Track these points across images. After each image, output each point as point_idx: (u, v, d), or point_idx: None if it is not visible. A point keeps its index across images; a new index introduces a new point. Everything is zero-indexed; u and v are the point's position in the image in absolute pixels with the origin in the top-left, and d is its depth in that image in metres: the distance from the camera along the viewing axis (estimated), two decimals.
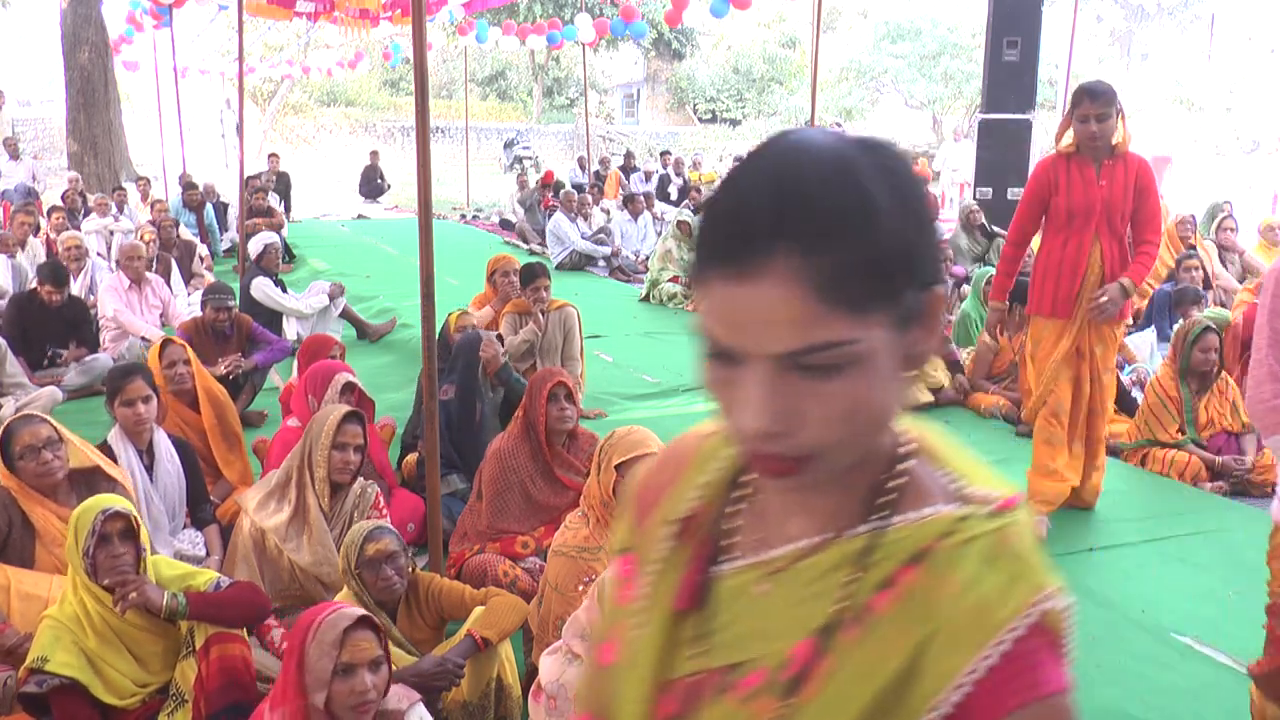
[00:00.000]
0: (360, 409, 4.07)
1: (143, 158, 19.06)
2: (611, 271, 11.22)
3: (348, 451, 3.38)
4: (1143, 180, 3.96)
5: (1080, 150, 3.95)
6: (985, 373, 6.03)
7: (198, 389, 4.53)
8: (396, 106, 33.32)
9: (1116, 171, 3.93)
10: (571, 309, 5.79)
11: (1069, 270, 4.01)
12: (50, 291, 6.39)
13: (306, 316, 7.40)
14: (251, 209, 11.56)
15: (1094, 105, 3.83)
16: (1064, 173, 3.97)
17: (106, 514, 2.72)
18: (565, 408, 3.74)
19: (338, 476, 3.38)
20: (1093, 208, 3.93)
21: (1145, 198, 3.97)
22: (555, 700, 2.27)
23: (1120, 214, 3.96)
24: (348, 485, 3.44)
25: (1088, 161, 3.95)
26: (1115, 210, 3.94)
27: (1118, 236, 4.00)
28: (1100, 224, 3.95)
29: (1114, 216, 3.96)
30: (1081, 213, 3.95)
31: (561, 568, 2.86)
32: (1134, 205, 3.96)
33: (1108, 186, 3.92)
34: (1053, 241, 4.06)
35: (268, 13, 13.12)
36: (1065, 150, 3.98)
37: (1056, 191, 3.99)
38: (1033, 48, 10.87)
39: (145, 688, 2.79)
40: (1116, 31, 32.22)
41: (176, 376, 4.49)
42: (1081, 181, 3.94)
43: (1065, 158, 3.98)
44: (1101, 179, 3.92)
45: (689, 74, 35.98)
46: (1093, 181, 3.93)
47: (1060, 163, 4.00)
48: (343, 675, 2.18)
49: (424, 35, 3.30)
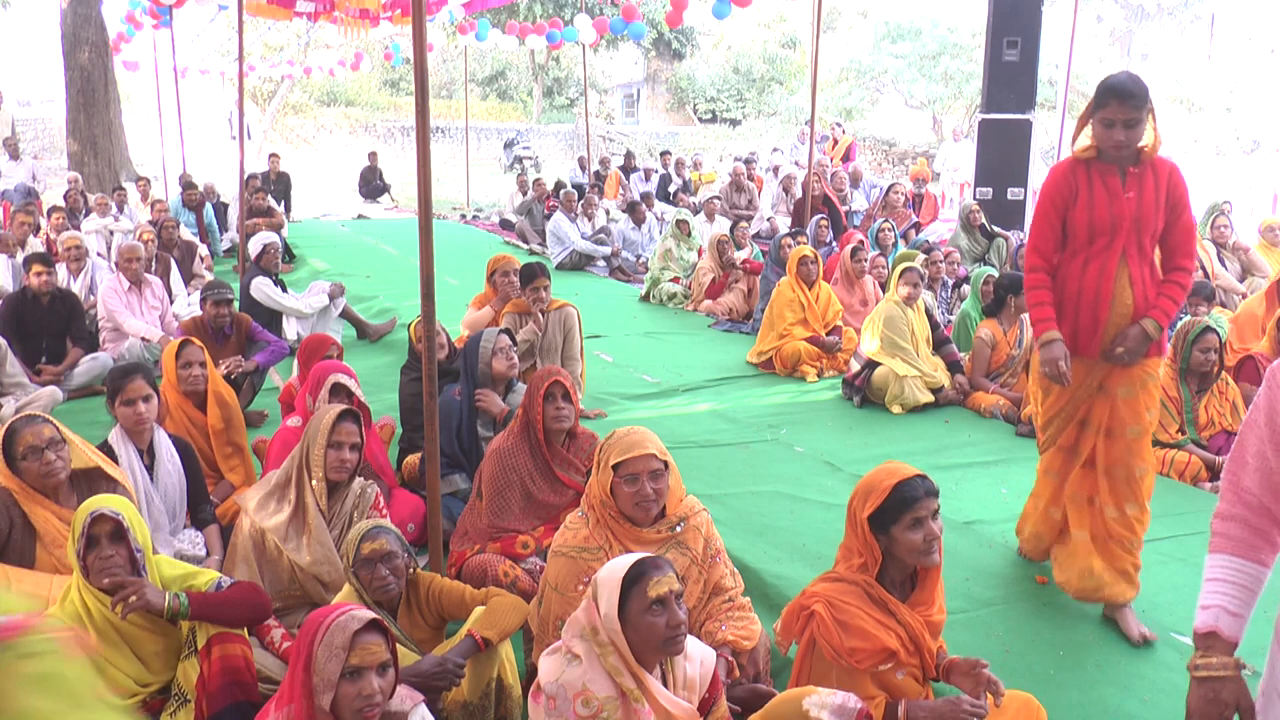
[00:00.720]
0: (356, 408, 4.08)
1: (143, 158, 19.07)
2: (611, 271, 11.22)
3: (343, 450, 3.37)
4: (1175, 191, 3.33)
5: (1101, 156, 3.31)
6: (984, 369, 6.04)
7: (209, 391, 4.51)
8: (396, 106, 33.35)
9: (1145, 180, 3.30)
10: (571, 309, 5.80)
11: (1090, 299, 3.36)
12: (40, 271, 6.39)
13: (306, 316, 7.41)
14: (251, 209, 11.57)
15: (1122, 108, 3.17)
16: (1084, 181, 3.33)
17: (93, 516, 2.73)
18: (562, 407, 3.74)
19: (334, 475, 3.38)
20: (1119, 224, 3.29)
21: (1178, 213, 3.34)
22: (555, 700, 2.27)
23: (1150, 231, 3.33)
24: (346, 484, 3.44)
25: (1111, 169, 3.30)
26: (1145, 226, 3.31)
27: (1148, 259, 3.37)
28: (1129, 243, 3.31)
29: (1143, 234, 3.32)
30: (1106, 230, 3.30)
31: (561, 568, 2.86)
32: (1165, 221, 3.33)
33: (1136, 198, 3.28)
34: (1071, 265, 3.41)
35: (268, 13, 13.12)
36: (1083, 155, 3.33)
37: (1076, 204, 3.35)
38: (1033, 48, 10.88)
39: (147, 687, 2.80)
40: (1116, 31, 32.21)
41: (191, 378, 4.46)
42: (1105, 192, 3.30)
43: (1084, 164, 3.34)
44: (1128, 190, 3.28)
45: (689, 74, 36.00)
46: (1118, 192, 3.28)
47: (1079, 170, 3.35)
48: (350, 678, 2.18)
49: (424, 35, 3.31)
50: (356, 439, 3.42)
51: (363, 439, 3.47)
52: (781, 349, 6.75)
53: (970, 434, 5.55)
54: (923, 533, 2.45)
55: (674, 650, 2.30)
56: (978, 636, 3.31)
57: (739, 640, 2.89)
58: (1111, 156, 3.29)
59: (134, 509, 2.88)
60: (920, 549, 2.46)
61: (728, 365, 7.00)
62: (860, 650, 2.44)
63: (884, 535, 2.50)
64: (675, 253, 9.67)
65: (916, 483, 2.49)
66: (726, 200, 13.43)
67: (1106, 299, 3.34)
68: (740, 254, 9.15)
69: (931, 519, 2.47)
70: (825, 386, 6.49)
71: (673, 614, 2.26)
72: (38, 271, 6.40)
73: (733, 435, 5.48)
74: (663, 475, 2.89)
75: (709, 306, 8.80)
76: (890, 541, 2.49)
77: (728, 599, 2.99)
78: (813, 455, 5.17)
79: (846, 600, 2.50)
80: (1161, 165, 3.33)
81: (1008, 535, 4.13)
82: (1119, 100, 3.16)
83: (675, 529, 2.94)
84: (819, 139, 14.70)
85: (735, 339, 7.91)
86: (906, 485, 2.48)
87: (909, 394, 5.90)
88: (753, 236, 10.67)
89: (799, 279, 6.90)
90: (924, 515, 2.46)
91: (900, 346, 5.97)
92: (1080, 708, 2.96)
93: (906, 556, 2.49)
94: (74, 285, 7.45)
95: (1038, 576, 3.75)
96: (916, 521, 2.46)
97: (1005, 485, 4.74)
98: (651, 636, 2.25)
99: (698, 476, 4.68)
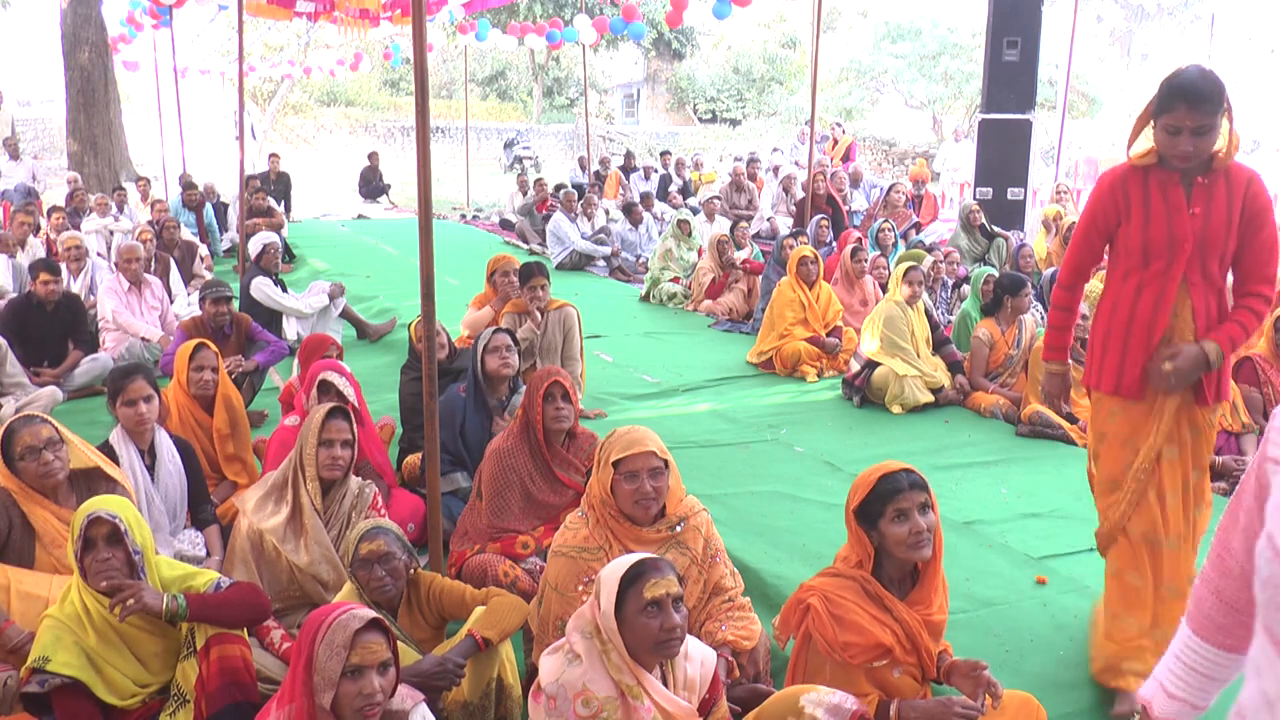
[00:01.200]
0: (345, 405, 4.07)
1: (143, 158, 19.07)
2: (611, 271, 11.22)
3: (334, 447, 3.36)
4: (1254, 204, 2.81)
5: (1164, 163, 2.83)
6: (983, 369, 6.04)
7: (217, 394, 4.49)
8: (396, 106, 33.34)
9: (1216, 193, 2.80)
10: (571, 309, 5.80)
11: (1143, 331, 2.88)
12: (47, 280, 6.35)
13: (306, 316, 7.41)
14: (251, 209, 11.57)
15: (1192, 114, 2.66)
16: (1139, 193, 2.87)
17: (90, 518, 2.73)
18: (561, 407, 3.73)
19: (327, 474, 3.36)
20: (1181, 244, 2.81)
21: (1257, 229, 2.81)
22: (555, 700, 2.27)
23: (1219, 253, 2.83)
24: (342, 483, 3.43)
25: (1174, 180, 2.82)
26: (1213, 248, 2.81)
27: (1216, 286, 2.88)
28: (1192, 267, 2.83)
29: (1209, 257, 2.82)
30: (1164, 251, 2.83)
31: (561, 568, 2.86)
32: (1238, 241, 2.83)
33: (1203, 215, 2.80)
34: (1121, 289, 2.94)
35: (268, 13, 13.12)
36: (1141, 162, 2.87)
37: (1129, 219, 2.88)
38: (1033, 48, 10.88)
39: (146, 688, 2.80)
40: (1116, 31, 32.22)
41: (202, 382, 4.43)
42: (1165, 207, 2.82)
43: (1141, 172, 2.87)
44: (1194, 205, 2.80)
45: (689, 74, 36.00)
46: (1181, 207, 2.81)
47: (1134, 179, 2.88)
48: (351, 677, 2.18)
49: (424, 35, 3.31)
50: (347, 435, 3.41)
51: (354, 436, 3.45)
52: (781, 349, 6.75)
53: (970, 434, 5.55)
54: (908, 525, 2.45)
55: (667, 653, 2.29)
56: (978, 636, 3.31)
57: (739, 640, 2.89)
58: (1176, 165, 2.81)
59: (134, 510, 2.88)
60: (907, 542, 2.46)
61: (728, 365, 7.00)
62: (854, 645, 2.44)
63: (875, 531, 2.50)
64: (675, 253, 9.67)
65: (900, 476, 2.50)
66: (726, 200, 13.43)
67: (1161, 327, 2.86)
68: (740, 254, 9.14)
69: (919, 512, 2.46)
70: (825, 386, 6.49)
71: (668, 617, 2.25)
72: (45, 280, 6.35)
73: (733, 435, 5.48)
74: (662, 474, 2.89)
75: (709, 306, 8.80)
76: (880, 536, 2.50)
77: (728, 599, 2.99)
78: (813, 455, 5.17)
79: (843, 595, 2.50)
80: (1238, 174, 2.82)
81: (1007, 535, 4.13)
82: (1189, 105, 2.65)
83: (675, 529, 2.94)
84: (819, 139, 14.70)
85: (735, 339, 7.91)
86: (890, 478, 2.49)
87: (909, 394, 5.90)
88: (753, 236, 10.67)
89: (799, 279, 6.90)
90: (908, 507, 2.45)
91: (900, 346, 5.97)
92: (1080, 708, 2.96)
93: (895, 550, 2.49)
94: (74, 285, 7.45)
95: (1038, 576, 3.76)
96: (900, 514, 2.46)
97: (1005, 485, 4.74)
98: (645, 637, 2.25)
99: (698, 476, 4.68)
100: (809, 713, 2.22)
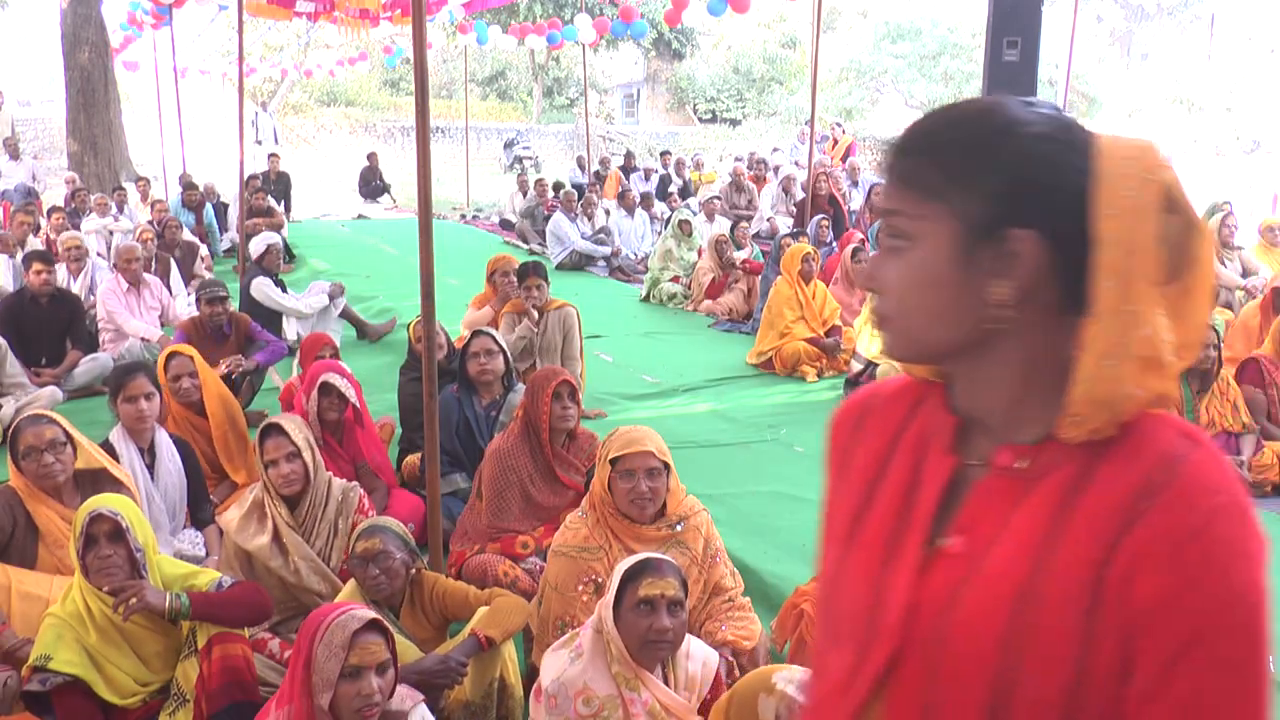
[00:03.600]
0: (342, 406, 4.11)
1: (143, 158, 19.06)
2: (611, 271, 11.22)
3: (279, 465, 3.26)
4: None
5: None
6: None
7: (205, 398, 4.47)
8: (396, 106, 33.32)
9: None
10: (571, 309, 5.79)
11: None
12: (40, 270, 6.31)
13: (306, 316, 7.40)
14: (251, 209, 11.57)
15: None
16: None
17: (92, 516, 2.73)
18: (569, 406, 3.74)
19: (285, 490, 3.28)
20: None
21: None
22: (556, 699, 2.27)
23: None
24: (306, 493, 3.32)
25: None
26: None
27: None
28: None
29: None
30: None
31: (561, 567, 2.86)
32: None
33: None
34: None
35: (268, 13, 13.12)
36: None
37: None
38: (1033, 48, 10.83)
39: (147, 687, 2.80)
40: (1116, 31, 32.23)
41: (182, 391, 4.41)
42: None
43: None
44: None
45: (689, 74, 35.98)
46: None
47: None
48: (349, 677, 2.18)
49: (424, 35, 3.31)
50: (289, 448, 3.28)
51: (297, 447, 3.31)
52: (781, 349, 6.75)
53: None
54: None
55: (654, 654, 2.29)
56: None
57: (739, 640, 2.89)
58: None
59: (135, 509, 2.88)
60: None
61: (728, 365, 6.99)
62: None
63: None
64: (675, 253, 9.67)
65: None
66: (726, 200, 13.42)
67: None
68: (740, 254, 9.14)
69: None
70: (825, 386, 6.49)
71: (658, 619, 2.25)
72: (37, 270, 6.30)
73: (733, 435, 5.48)
74: (660, 475, 2.89)
75: (709, 306, 8.80)
76: None
77: (728, 599, 2.99)
78: (813, 455, 5.16)
79: None
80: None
81: None
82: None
83: (675, 528, 2.94)
84: (819, 139, 14.70)
85: (735, 339, 7.91)
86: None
87: None
88: (753, 236, 10.67)
89: (798, 276, 6.90)
90: None
91: None
92: None
93: None
94: (74, 285, 7.45)
95: None
96: None
97: None
98: (633, 634, 2.25)
99: (698, 476, 4.67)
100: (780, 689, 2.23)
